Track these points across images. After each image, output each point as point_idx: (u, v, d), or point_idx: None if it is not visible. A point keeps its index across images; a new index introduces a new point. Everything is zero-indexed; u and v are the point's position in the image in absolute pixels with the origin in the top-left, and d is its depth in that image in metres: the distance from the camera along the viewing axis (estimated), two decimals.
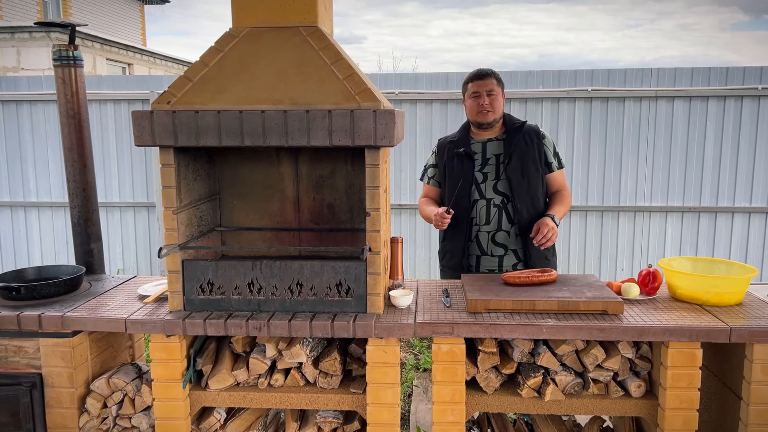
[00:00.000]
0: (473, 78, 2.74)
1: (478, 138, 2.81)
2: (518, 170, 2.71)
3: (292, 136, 2.08)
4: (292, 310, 2.24)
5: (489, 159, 2.77)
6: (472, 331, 2.12)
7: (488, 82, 2.70)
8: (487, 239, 2.78)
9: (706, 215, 5.03)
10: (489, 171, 2.77)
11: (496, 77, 2.73)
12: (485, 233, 2.77)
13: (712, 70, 4.83)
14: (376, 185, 2.16)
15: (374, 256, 2.19)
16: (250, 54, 2.22)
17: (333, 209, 2.62)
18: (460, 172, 2.76)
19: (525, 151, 2.72)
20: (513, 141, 2.73)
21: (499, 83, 2.73)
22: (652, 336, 2.07)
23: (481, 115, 2.72)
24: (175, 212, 2.21)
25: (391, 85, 5.12)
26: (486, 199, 2.76)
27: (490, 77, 2.71)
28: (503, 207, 2.75)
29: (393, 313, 2.23)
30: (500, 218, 2.75)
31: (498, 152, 2.77)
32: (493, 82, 2.71)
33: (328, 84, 2.13)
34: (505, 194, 2.74)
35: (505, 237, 2.77)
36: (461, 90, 2.83)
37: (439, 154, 2.89)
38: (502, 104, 2.76)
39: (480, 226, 2.78)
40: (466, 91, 2.77)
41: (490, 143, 2.79)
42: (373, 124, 2.05)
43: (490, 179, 2.76)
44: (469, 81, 2.76)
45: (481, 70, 2.74)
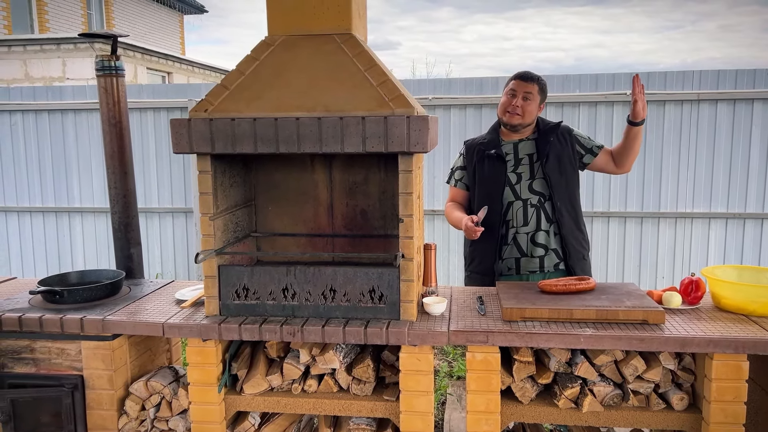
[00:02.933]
0: (517, 77, 2.71)
1: (508, 139, 2.78)
2: (556, 169, 2.68)
3: (326, 142, 2.09)
4: (325, 315, 2.25)
5: (522, 159, 2.73)
6: (507, 339, 2.09)
7: (529, 85, 2.67)
8: (527, 240, 2.72)
9: (752, 222, 4.86)
10: (523, 171, 2.72)
11: (540, 85, 2.69)
12: (524, 234, 2.72)
13: (758, 72, 4.67)
14: (409, 191, 2.15)
15: (407, 262, 2.18)
16: (285, 62, 2.24)
17: (366, 215, 2.62)
18: (491, 174, 2.73)
19: (561, 150, 2.69)
20: (548, 140, 2.70)
21: (541, 92, 2.69)
22: (696, 347, 2.00)
23: (509, 115, 2.70)
24: (212, 218, 2.25)
25: (425, 90, 5.11)
26: (522, 200, 2.71)
27: (533, 82, 2.67)
28: (540, 206, 2.70)
29: (426, 321, 2.21)
30: (539, 218, 2.70)
31: (531, 152, 2.73)
32: (534, 88, 2.67)
33: (361, 90, 2.13)
34: (541, 194, 2.70)
35: (545, 237, 2.71)
36: (504, 86, 2.80)
37: (468, 156, 2.85)
38: (535, 112, 2.71)
39: (518, 228, 2.73)
40: (507, 86, 2.74)
41: (522, 143, 2.76)
42: (406, 131, 2.04)
43: (525, 179, 2.71)
44: (512, 78, 2.73)
45: (528, 72, 2.71)
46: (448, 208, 2.89)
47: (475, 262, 2.84)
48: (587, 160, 2.78)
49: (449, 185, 2.95)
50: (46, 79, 10.89)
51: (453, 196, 2.93)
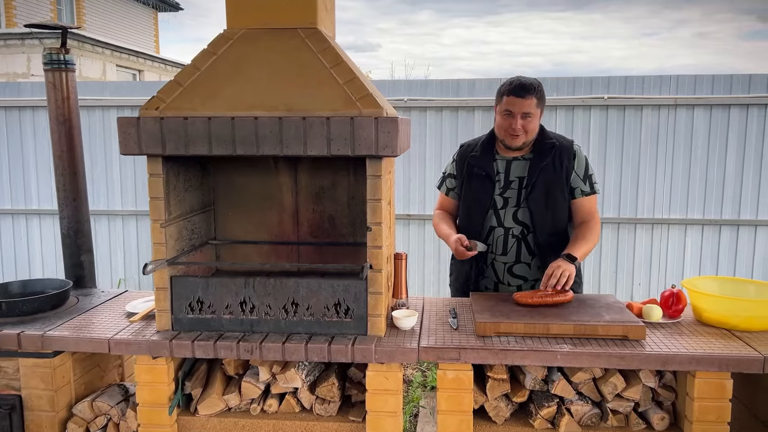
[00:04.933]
0: (511, 92, 2.28)
1: (504, 155, 2.44)
2: (541, 200, 2.36)
3: (287, 144, 1.93)
4: (287, 331, 2.09)
5: (512, 182, 2.41)
6: (480, 356, 1.96)
7: (527, 102, 2.27)
8: (504, 270, 2.47)
9: (728, 228, 4.82)
10: (510, 196, 2.41)
11: (538, 95, 2.29)
12: (501, 264, 2.46)
13: (734, 77, 4.64)
14: (377, 198, 2.01)
15: (375, 274, 2.04)
16: (245, 57, 2.09)
17: (334, 222, 2.47)
18: (478, 195, 2.44)
19: (552, 178, 2.35)
20: (539, 166, 2.36)
21: (539, 103, 2.31)
22: (678, 365, 1.90)
23: (509, 137, 2.34)
24: (164, 225, 2.08)
25: (400, 92, 4.97)
26: (504, 228, 2.43)
27: (531, 96, 2.27)
28: (523, 238, 2.42)
29: (395, 336, 2.07)
30: (519, 250, 2.43)
31: (522, 174, 2.40)
32: (532, 103, 2.28)
33: (326, 89, 1.98)
34: (525, 225, 2.41)
35: (525, 269, 2.45)
36: (496, 96, 2.39)
37: (459, 165, 2.53)
38: (537, 126, 2.36)
39: (496, 256, 2.46)
40: (500, 102, 2.34)
41: (516, 163, 2.42)
42: (374, 133, 1.90)
43: (511, 206, 2.41)
44: (505, 93, 2.31)
45: (523, 83, 2.28)
46: (436, 218, 2.61)
47: (454, 276, 2.65)
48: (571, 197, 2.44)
49: (439, 191, 2.65)
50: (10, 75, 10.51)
51: (442, 204, 2.64)
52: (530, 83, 2.30)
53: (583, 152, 2.45)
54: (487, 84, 4.90)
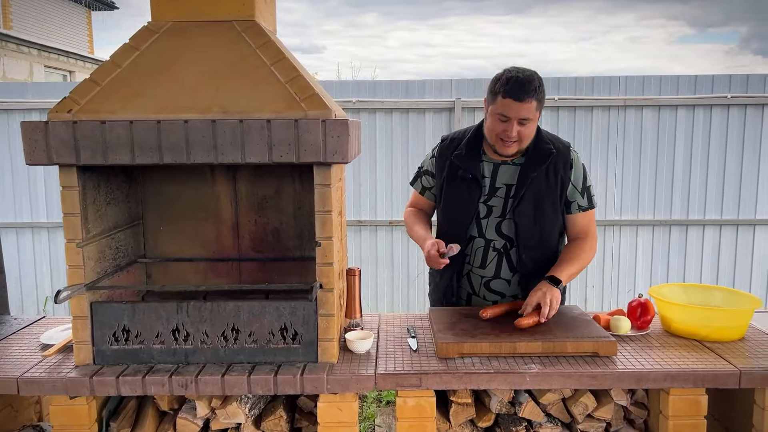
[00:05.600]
0: (508, 94, 1.93)
1: (491, 156, 2.14)
2: (529, 214, 2.09)
3: (222, 151, 1.71)
4: (227, 360, 1.86)
5: (498, 189, 2.13)
6: (443, 381, 1.79)
7: (526, 106, 1.94)
8: (480, 284, 2.22)
9: (677, 228, 4.86)
10: (495, 205, 2.13)
11: (539, 96, 1.96)
12: (478, 276, 2.21)
13: (681, 78, 4.68)
14: (327, 209, 1.80)
15: (326, 293, 1.84)
16: (173, 52, 1.85)
17: (279, 235, 2.25)
18: (462, 200, 2.15)
19: (544, 190, 2.09)
20: (530, 174, 2.07)
21: (539, 105, 1.98)
22: (652, 382, 1.78)
23: (501, 145, 2.04)
24: (81, 245, 1.81)
25: (348, 93, 4.78)
26: (485, 239, 2.16)
27: (531, 99, 1.93)
28: (505, 252, 2.16)
29: (350, 361, 1.87)
30: (499, 265, 2.17)
31: (510, 182, 2.12)
32: (532, 107, 1.95)
33: (267, 88, 1.77)
34: (509, 238, 2.15)
35: (504, 285, 2.20)
36: (488, 92, 2.04)
37: (440, 163, 2.21)
38: (534, 131, 2.06)
39: (473, 267, 2.21)
40: (493, 103, 1.99)
41: (504, 167, 2.13)
42: (322, 137, 1.70)
43: (495, 216, 2.14)
44: (501, 94, 1.95)
45: (522, 81, 1.93)
46: (409, 216, 2.32)
47: (431, 287, 2.42)
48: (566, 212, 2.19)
49: (413, 188, 2.35)
50: None
51: (416, 202, 2.36)
52: (530, 81, 1.94)
53: (580, 159, 2.18)
54: (437, 85, 4.76)
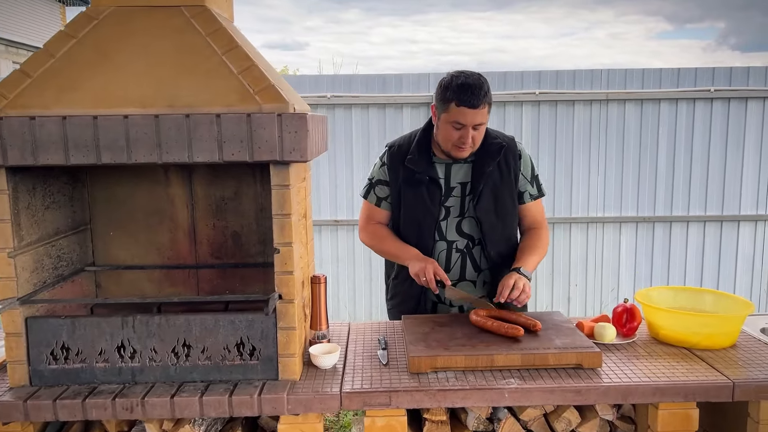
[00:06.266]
0: (463, 102, 1.88)
1: (442, 157, 2.09)
2: (491, 210, 2.06)
3: (167, 149, 1.54)
4: (178, 379, 1.69)
5: (453, 189, 2.08)
6: (415, 400, 1.64)
7: (481, 113, 1.91)
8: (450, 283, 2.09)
9: (661, 225, 4.77)
10: (453, 205, 2.08)
11: (489, 101, 1.94)
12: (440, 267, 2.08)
13: (664, 72, 4.58)
14: (286, 213, 1.65)
15: (287, 305, 1.68)
16: (114, 41, 1.67)
17: (239, 239, 2.08)
18: (426, 203, 2.06)
19: (500, 183, 2.06)
20: (485, 171, 2.04)
21: (489, 109, 1.96)
22: (640, 397, 1.65)
23: (458, 150, 1.99)
24: (12, 254, 1.63)
25: (323, 88, 4.61)
26: (447, 242, 2.11)
27: (484, 104, 1.90)
28: (467, 252, 2.11)
29: (314, 378, 1.72)
30: (463, 266, 2.12)
31: (465, 180, 2.08)
32: (485, 111, 1.92)
33: (217, 79, 1.60)
34: (471, 237, 2.10)
35: (469, 288, 2.14)
36: (437, 99, 1.99)
37: (392, 170, 2.13)
38: (484, 131, 2.03)
39: None
40: (447, 111, 1.93)
41: (457, 167, 2.09)
42: (277, 133, 1.54)
43: (453, 216, 2.09)
44: (455, 101, 1.90)
45: (473, 88, 1.89)
46: (373, 233, 2.19)
47: (398, 299, 2.25)
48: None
49: (366, 201, 2.22)
50: None
51: (371, 215, 2.22)
52: (480, 86, 1.90)
53: (526, 150, 2.18)
54: (414, 80, 4.61)
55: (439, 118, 1.99)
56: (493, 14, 59.26)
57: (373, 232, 2.21)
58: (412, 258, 2.05)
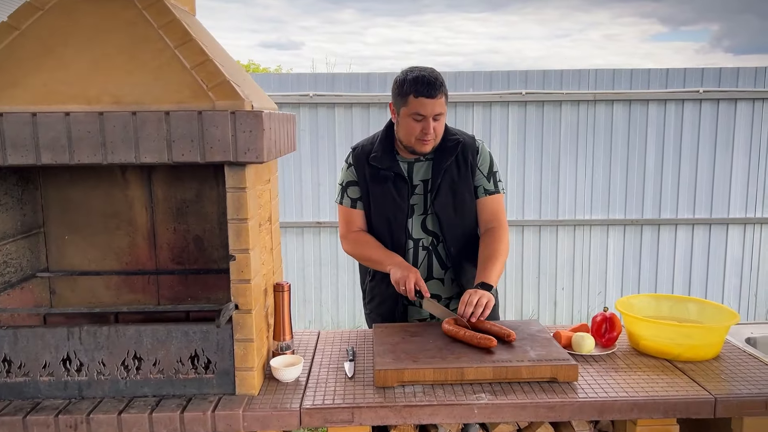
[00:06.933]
0: (421, 92, 1.90)
1: (404, 157, 2.08)
2: (449, 205, 2.05)
3: (112, 149, 1.44)
4: (128, 394, 1.59)
5: (416, 186, 2.07)
6: (379, 416, 1.55)
7: (439, 102, 1.92)
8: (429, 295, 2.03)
9: (649, 228, 4.70)
10: (416, 203, 2.07)
11: (445, 92, 1.96)
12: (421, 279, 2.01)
13: (652, 72, 4.51)
14: (242, 217, 1.55)
15: (244, 315, 1.58)
16: (60, 33, 1.57)
17: (201, 244, 1.98)
18: (395, 199, 2.04)
19: (458, 179, 2.05)
20: (443, 166, 2.03)
21: (446, 100, 1.98)
22: (617, 413, 1.56)
23: (421, 144, 1.98)
24: None
25: (305, 86, 4.51)
26: (413, 240, 2.09)
27: (440, 94, 1.92)
28: (433, 250, 2.09)
29: (274, 392, 1.62)
30: (430, 263, 2.10)
31: (426, 177, 2.07)
32: (442, 101, 1.94)
33: (168, 75, 1.50)
34: (434, 234, 2.09)
35: (438, 286, 2.11)
36: (395, 95, 2.00)
37: (359, 170, 2.11)
38: (444, 126, 2.04)
39: None
40: (405, 105, 1.94)
41: (418, 164, 2.08)
42: (231, 132, 1.44)
43: (418, 214, 2.08)
44: (413, 94, 1.91)
45: (429, 79, 1.91)
46: (355, 240, 2.13)
47: (375, 301, 2.19)
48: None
49: (341, 206, 2.17)
50: None
51: (352, 220, 2.15)
52: (436, 77, 1.93)
53: (487, 148, 2.16)
54: None
55: (399, 114, 1.99)
56: (489, 15, 59.35)
57: (355, 239, 2.15)
58: (396, 264, 1.99)
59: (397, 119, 2.01)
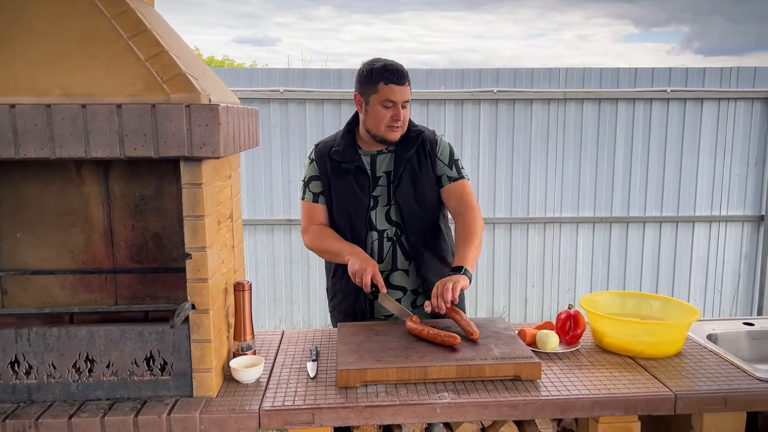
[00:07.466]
0: (390, 80, 1.96)
1: (367, 149, 2.11)
2: (410, 195, 2.07)
3: (60, 143, 1.38)
4: (81, 397, 1.54)
5: (380, 178, 2.10)
6: (341, 417, 1.52)
7: (407, 89, 2.00)
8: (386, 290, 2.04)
9: (618, 226, 4.75)
10: (380, 194, 2.09)
11: (410, 80, 2.03)
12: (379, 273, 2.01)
13: (621, 71, 4.55)
14: (199, 214, 1.51)
15: (201, 316, 1.54)
16: (9, 24, 1.50)
17: (161, 241, 1.92)
18: (355, 191, 2.07)
19: (418, 169, 2.08)
20: (405, 157, 2.06)
21: (410, 88, 2.05)
22: (579, 411, 1.56)
23: (391, 131, 2.01)
24: None
25: (275, 82, 4.45)
26: (378, 231, 2.10)
27: (407, 82, 2.00)
28: (397, 240, 2.11)
29: (233, 394, 1.58)
30: (395, 255, 2.11)
31: (389, 169, 2.10)
32: (409, 89, 2.02)
33: (121, 66, 1.45)
34: (398, 224, 2.10)
35: (403, 278, 2.12)
36: (363, 84, 2.02)
37: (320, 165, 2.13)
38: None
39: None
40: (376, 92, 1.98)
41: (381, 157, 2.10)
42: (186, 126, 1.40)
43: (381, 205, 2.10)
44: (383, 81, 1.96)
45: (397, 67, 1.99)
46: (316, 233, 2.13)
47: (338, 298, 2.19)
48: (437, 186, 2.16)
49: (305, 201, 2.18)
50: None
51: (313, 215, 2.16)
52: (400, 66, 2.01)
53: (446, 140, 2.19)
54: None
55: (369, 103, 2.02)
56: (465, 14, 59.68)
57: (315, 231, 2.15)
58: (354, 254, 1.98)
59: (366, 108, 2.03)
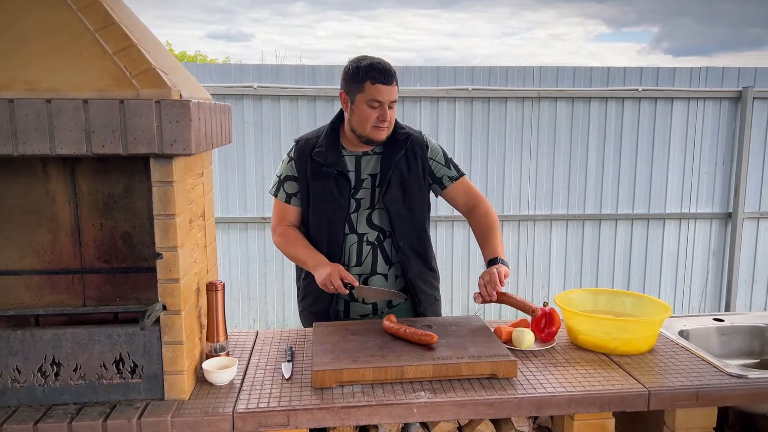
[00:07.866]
0: (377, 79, 1.91)
1: (351, 150, 2.06)
2: (399, 200, 2.03)
3: (24, 139, 1.33)
4: (47, 402, 1.49)
5: (364, 181, 2.05)
6: (316, 418, 1.50)
7: (394, 89, 1.95)
8: (359, 283, 2.03)
9: (590, 223, 4.81)
10: (363, 197, 2.05)
11: (397, 80, 1.98)
12: (355, 276, 2.02)
13: (594, 70, 4.61)
14: (170, 213, 1.47)
15: (172, 317, 1.50)
16: None
17: (131, 241, 1.87)
18: (333, 197, 2.01)
19: (407, 173, 2.04)
20: (393, 160, 2.02)
21: (398, 87, 1.99)
22: (555, 408, 1.57)
23: (377, 132, 1.97)
24: None
25: (249, 77, 4.39)
26: (358, 234, 2.05)
27: (395, 81, 1.95)
28: (378, 245, 2.06)
29: (206, 396, 1.55)
30: (375, 259, 2.06)
31: (374, 171, 2.05)
32: (396, 89, 1.96)
33: (88, 60, 1.40)
34: (381, 229, 2.06)
35: (381, 281, 2.08)
36: (349, 83, 1.96)
37: (300, 165, 2.07)
38: None
39: (350, 268, 2.06)
40: (362, 91, 1.92)
41: (366, 158, 2.05)
42: (156, 122, 1.36)
43: (364, 208, 2.05)
44: (370, 80, 1.91)
45: (384, 66, 1.93)
46: (284, 236, 2.11)
47: (309, 300, 2.16)
48: (435, 191, 2.16)
49: (276, 198, 2.14)
50: None
51: (284, 215, 2.13)
52: (388, 65, 1.96)
53: (433, 140, 2.19)
54: None
55: (354, 102, 1.96)
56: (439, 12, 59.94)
57: (284, 233, 2.13)
58: (318, 265, 1.98)
59: (351, 107, 1.98)
